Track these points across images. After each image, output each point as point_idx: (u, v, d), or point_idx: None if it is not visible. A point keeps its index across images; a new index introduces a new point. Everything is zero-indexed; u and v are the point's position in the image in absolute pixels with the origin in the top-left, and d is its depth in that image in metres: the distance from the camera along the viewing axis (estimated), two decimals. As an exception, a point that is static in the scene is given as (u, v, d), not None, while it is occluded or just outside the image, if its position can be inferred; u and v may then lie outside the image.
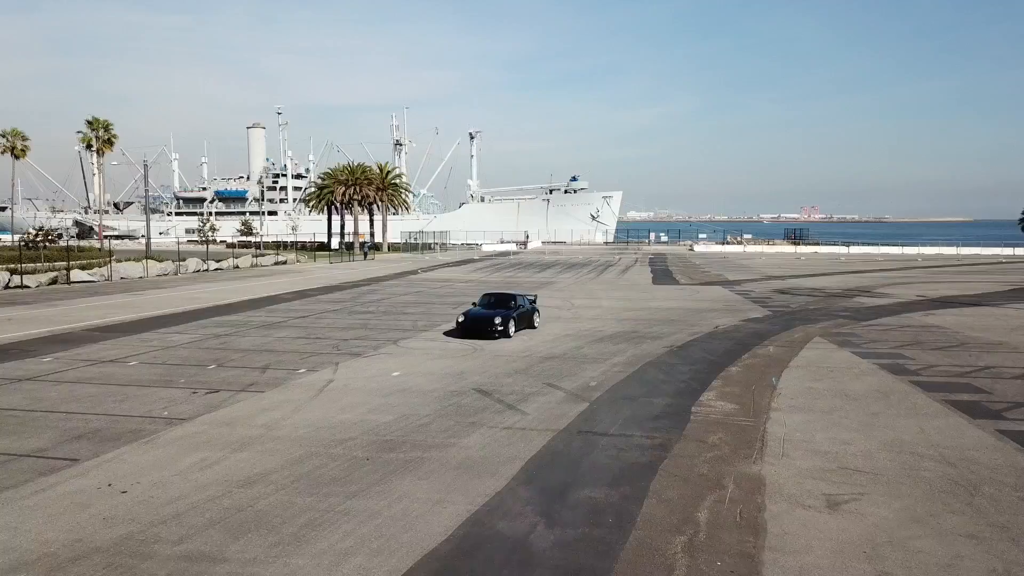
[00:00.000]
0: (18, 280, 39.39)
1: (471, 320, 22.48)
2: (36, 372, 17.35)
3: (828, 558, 7.90)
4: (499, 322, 22.24)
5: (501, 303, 23.99)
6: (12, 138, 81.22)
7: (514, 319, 22.87)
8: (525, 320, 24.01)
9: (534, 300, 25.82)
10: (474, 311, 23.26)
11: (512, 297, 24.60)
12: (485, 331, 22.18)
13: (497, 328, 22.17)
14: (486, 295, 25.21)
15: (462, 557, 7.89)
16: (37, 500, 9.45)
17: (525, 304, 24.50)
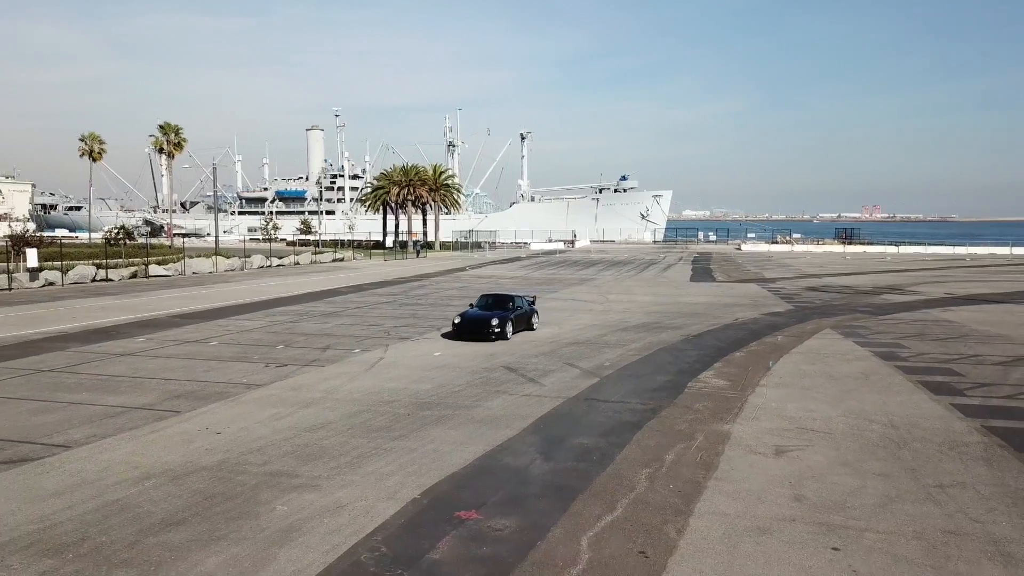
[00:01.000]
0: (103, 274, 43.37)
1: (467, 321, 22.07)
2: (134, 349, 20.44)
3: (759, 485, 10.11)
4: (496, 324, 21.71)
5: (499, 304, 23.54)
6: (90, 142, 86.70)
7: (511, 320, 22.38)
8: (523, 321, 23.54)
9: (533, 301, 25.43)
10: (470, 312, 22.86)
11: (510, 298, 24.14)
12: (481, 333, 21.67)
13: (494, 330, 21.64)
14: (484, 296, 24.75)
15: (474, 477, 10.35)
16: (153, 437, 12.23)
17: (523, 305, 24.13)
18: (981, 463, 11.08)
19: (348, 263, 63.63)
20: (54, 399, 14.68)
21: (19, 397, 14.86)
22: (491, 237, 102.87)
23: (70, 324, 24.94)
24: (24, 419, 13.23)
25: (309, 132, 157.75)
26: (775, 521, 8.91)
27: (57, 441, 11.92)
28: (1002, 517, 9.06)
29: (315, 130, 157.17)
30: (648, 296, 36.06)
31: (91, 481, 10.15)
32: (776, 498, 9.65)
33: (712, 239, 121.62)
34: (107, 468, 10.66)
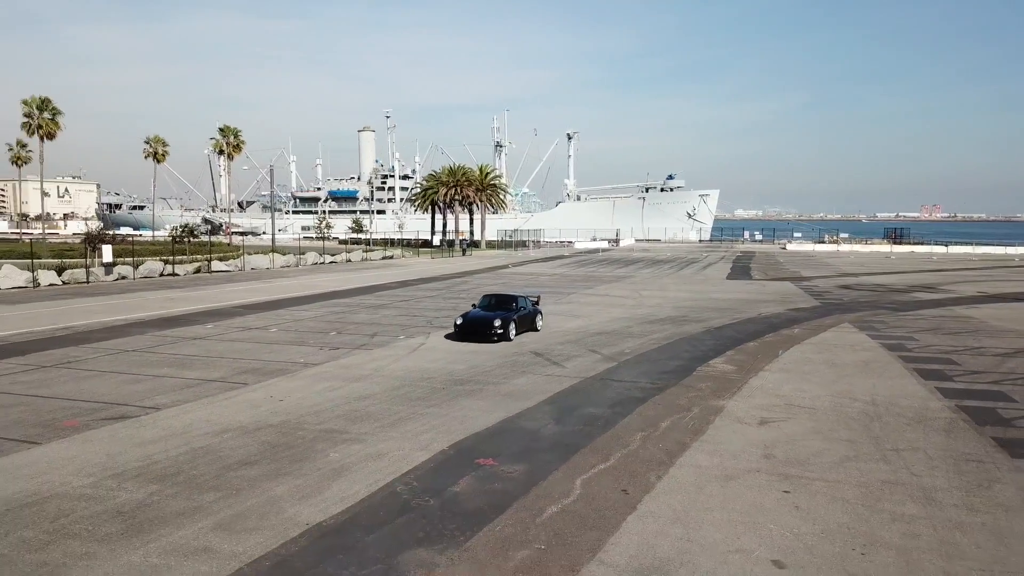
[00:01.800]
0: (170, 269, 46.53)
1: (469, 322, 21.52)
2: (203, 334, 22.87)
3: (737, 447, 11.79)
4: (498, 324, 21.21)
5: (501, 304, 22.95)
6: (154, 144, 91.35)
7: (515, 321, 21.86)
8: (527, 322, 22.98)
9: (537, 301, 24.92)
10: (473, 313, 22.28)
11: (513, 298, 23.50)
12: (484, 334, 21.19)
13: (496, 331, 21.13)
14: (486, 296, 24.16)
15: (494, 436, 12.26)
16: (226, 403, 14.43)
17: (527, 306, 23.53)
18: (940, 433, 12.56)
19: (397, 261, 66.20)
20: (141, 373, 17.06)
21: (112, 371, 17.29)
22: (536, 236, 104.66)
23: (146, 313, 27.63)
24: (119, 388, 15.59)
25: (361, 133, 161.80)
26: (742, 472, 10.62)
27: (148, 404, 14.21)
28: (939, 473, 10.61)
29: (367, 131, 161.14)
30: (681, 292, 37.51)
31: (179, 433, 12.34)
32: (748, 456, 11.34)
33: (758, 238, 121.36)
34: (191, 424, 12.86)
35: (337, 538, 8.37)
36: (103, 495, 9.59)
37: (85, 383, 15.99)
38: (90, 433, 12.32)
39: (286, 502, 9.37)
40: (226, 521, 8.78)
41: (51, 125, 73.77)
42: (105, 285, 39.65)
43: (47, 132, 73.62)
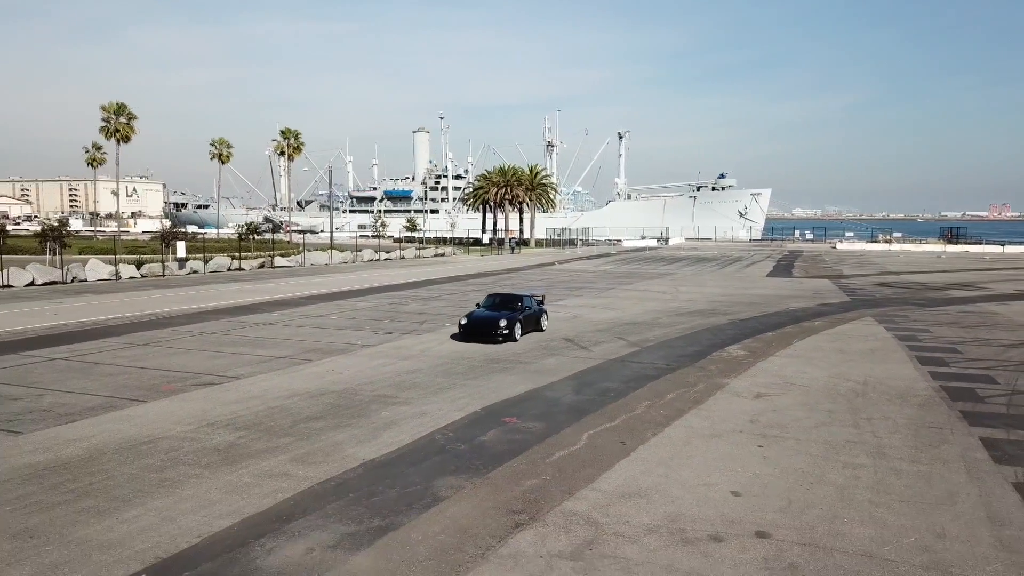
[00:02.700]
0: (236, 264, 49.86)
1: (474, 323, 21.23)
2: (271, 321, 25.51)
3: (728, 414, 13.64)
4: (504, 325, 20.87)
5: (506, 304, 22.67)
6: (219, 146, 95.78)
7: (520, 321, 21.55)
8: (532, 322, 22.64)
9: (542, 301, 24.46)
10: (477, 313, 21.98)
11: (518, 298, 23.25)
12: (489, 335, 20.86)
13: (502, 331, 20.79)
14: (491, 295, 24.01)
15: (520, 402, 14.36)
16: (295, 374, 16.83)
17: (532, 305, 23.16)
18: (915, 407, 14.20)
19: (448, 258, 68.81)
20: (220, 351, 19.66)
21: (196, 349, 19.94)
22: (584, 235, 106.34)
23: (219, 302, 30.51)
24: (203, 362, 18.17)
25: (415, 134, 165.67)
26: (726, 432, 12.50)
27: (229, 375, 16.71)
28: (898, 436, 12.33)
29: (421, 132, 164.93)
30: (717, 289, 39.01)
31: (257, 396, 14.76)
32: (735, 420, 13.21)
33: (808, 238, 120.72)
34: (266, 390, 15.28)
35: (386, 469, 10.57)
36: (202, 438, 12.00)
37: (175, 358, 18.64)
38: (185, 395, 14.83)
39: (346, 445, 11.63)
40: (299, 456, 11.08)
41: (126, 129, 78.37)
42: (179, 278, 43.01)
43: (123, 135, 78.22)
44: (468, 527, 8.56)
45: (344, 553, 7.89)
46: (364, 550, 7.97)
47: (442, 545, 8.10)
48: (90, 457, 11.00)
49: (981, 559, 7.88)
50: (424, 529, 8.51)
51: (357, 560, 7.74)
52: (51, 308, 28.28)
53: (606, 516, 8.91)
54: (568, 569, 7.58)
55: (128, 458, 10.96)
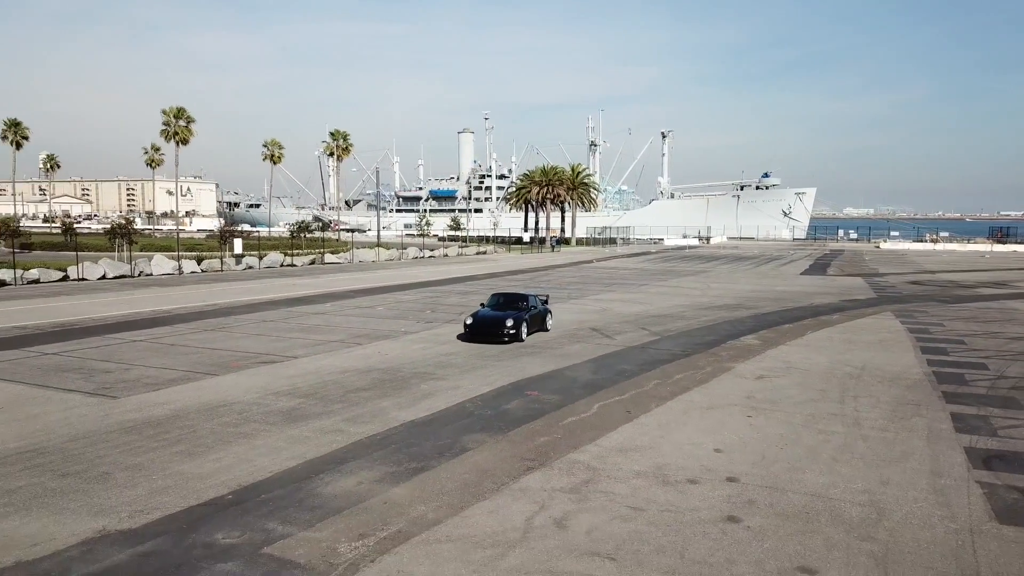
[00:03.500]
0: (289, 260, 52.59)
1: (479, 322, 20.84)
2: (324, 311, 27.74)
3: (728, 391, 15.25)
4: (511, 325, 20.48)
5: (511, 304, 22.40)
6: (271, 147, 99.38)
7: (526, 321, 21.20)
8: (537, 321, 22.34)
9: (546, 300, 24.27)
10: (482, 312, 21.56)
11: (523, 297, 22.98)
12: (495, 335, 20.49)
13: (508, 331, 20.40)
14: (495, 295, 23.65)
15: (542, 379, 16.17)
16: (346, 355, 18.88)
17: (537, 305, 22.87)
18: (902, 388, 15.62)
19: (489, 256, 70.87)
20: (279, 336, 21.86)
21: (257, 334, 22.19)
22: (625, 233, 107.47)
23: (275, 294, 32.94)
24: (264, 345, 20.37)
25: (460, 135, 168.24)
26: (722, 405, 14.14)
27: (288, 355, 18.85)
28: (877, 411, 13.81)
29: (466, 133, 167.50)
30: (748, 286, 40.23)
31: (312, 372, 16.84)
32: (733, 396, 14.82)
33: (853, 237, 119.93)
34: (320, 367, 17.36)
35: (423, 427, 12.49)
36: (267, 403, 14.08)
37: (239, 341, 20.89)
38: (250, 370, 17.00)
39: (390, 410, 13.59)
40: (350, 418, 13.06)
41: (185, 132, 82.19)
42: (236, 273, 45.78)
43: (182, 138, 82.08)
44: (488, 469, 10.42)
45: (386, 485, 9.81)
46: (402, 484, 9.87)
47: (465, 481, 9.97)
48: (176, 416, 13.14)
49: (910, 500, 9.46)
50: (451, 470, 10.40)
51: (396, 490, 9.64)
52: (125, 299, 30.99)
53: (603, 464, 10.68)
54: (565, 499, 9.38)
55: (207, 417, 13.07)
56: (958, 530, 8.54)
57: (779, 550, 8.00)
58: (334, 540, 8.14)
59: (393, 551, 7.89)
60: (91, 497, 9.35)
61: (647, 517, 8.84)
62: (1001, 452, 11.39)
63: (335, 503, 9.18)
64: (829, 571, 7.54)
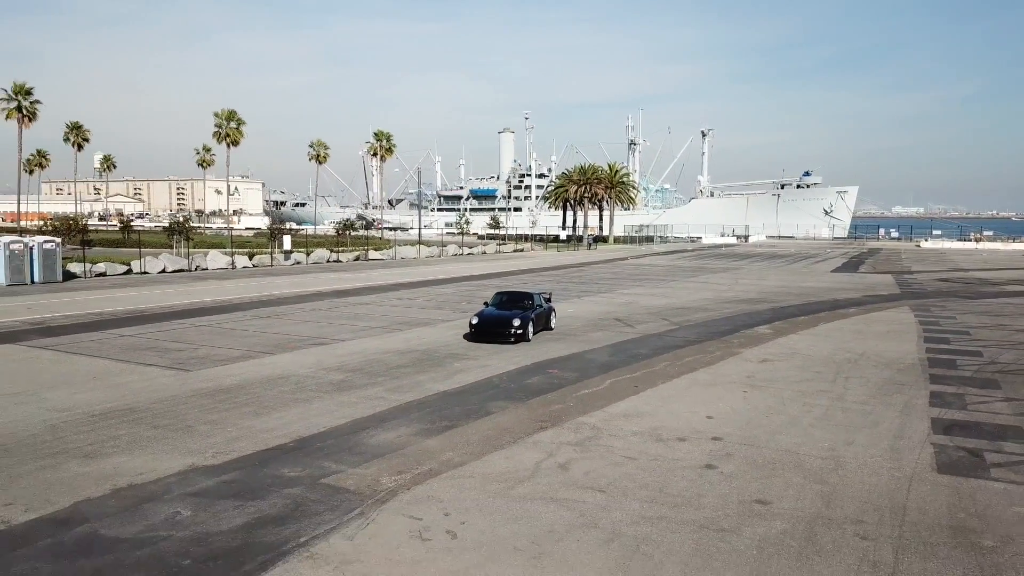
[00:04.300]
0: (335, 256, 55.08)
1: (485, 322, 20.45)
2: (368, 302, 29.85)
3: (731, 372, 16.82)
4: (518, 324, 20.13)
5: (515, 302, 22.00)
6: (317, 147, 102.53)
7: (532, 320, 20.80)
8: (542, 320, 21.94)
9: (549, 299, 23.82)
10: (487, 311, 21.23)
11: (527, 296, 22.60)
12: (501, 335, 20.11)
13: (516, 331, 20.04)
14: (498, 293, 23.37)
15: (563, 360, 17.92)
16: (387, 339, 20.85)
17: (542, 303, 22.53)
18: (894, 371, 17.01)
19: (526, 253, 72.70)
20: (327, 322, 23.97)
21: (308, 321, 24.34)
22: (663, 232, 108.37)
23: (322, 287, 35.21)
24: (314, 330, 22.47)
25: (501, 135, 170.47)
26: (723, 383, 15.74)
27: (336, 338, 20.90)
28: (864, 389, 15.27)
29: (506, 132, 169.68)
30: (775, 282, 41.38)
31: (358, 352, 18.83)
32: (734, 376, 16.40)
33: (894, 236, 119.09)
34: (366, 348, 19.35)
35: (454, 396, 14.35)
36: (319, 376, 16.08)
37: (292, 326, 23.04)
38: (303, 351, 19.06)
39: (427, 383, 15.48)
40: (391, 388, 14.98)
41: (236, 133, 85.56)
42: (285, 268, 48.35)
43: (232, 140, 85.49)
44: (507, 428, 12.23)
45: (421, 438, 11.68)
46: (434, 437, 11.73)
47: (487, 436, 11.79)
48: (241, 386, 15.20)
49: (867, 455, 11.01)
50: (477, 428, 12.23)
51: (429, 442, 11.50)
52: (185, 290, 33.53)
53: (606, 425, 12.41)
54: (570, 449, 11.14)
55: (269, 387, 15.11)
56: (900, 477, 10.09)
57: (743, 488, 9.65)
58: (377, 475, 10.03)
59: (424, 483, 9.74)
60: (179, 443, 11.39)
61: (637, 464, 10.55)
62: (964, 422, 12.83)
63: (378, 450, 11.08)
64: (781, 503, 9.18)
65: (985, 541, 8.13)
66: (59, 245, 37.80)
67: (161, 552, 7.72)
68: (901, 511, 8.94)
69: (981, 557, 7.75)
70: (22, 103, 65.69)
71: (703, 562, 7.58)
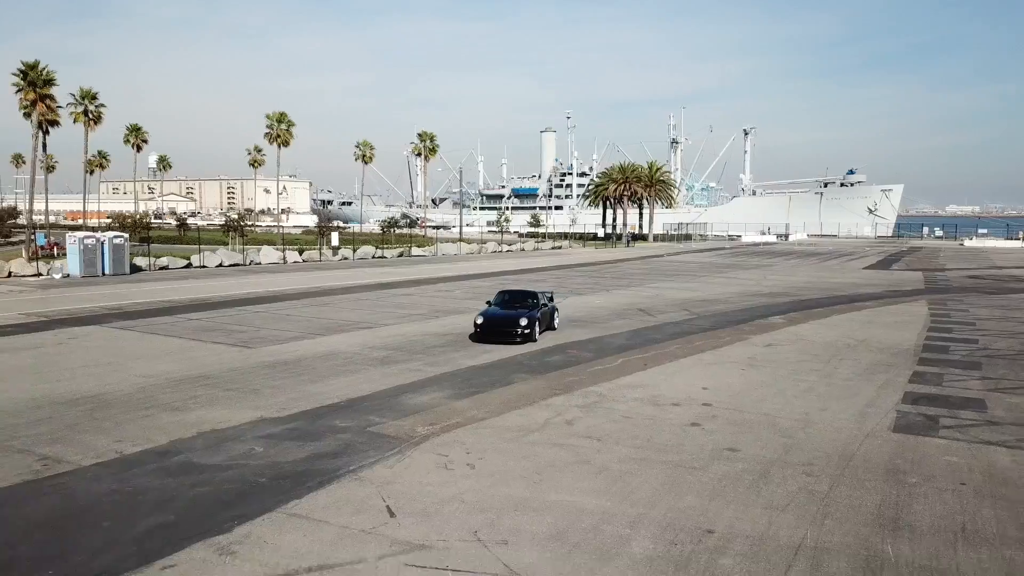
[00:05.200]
0: (380, 253, 57.62)
1: (491, 322, 19.87)
2: (410, 293, 32.05)
3: (736, 355, 18.48)
4: (525, 324, 19.57)
5: (519, 301, 21.41)
6: (363, 147, 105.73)
7: (538, 320, 20.31)
8: (546, 320, 21.38)
9: (552, 298, 23.15)
10: (492, 311, 20.65)
11: (531, 294, 21.97)
12: (507, 335, 19.57)
13: (523, 331, 19.49)
14: (501, 292, 22.82)
15: (584, 344, 19.77)
16: (425, 324, 22.94)
17: (545, 302, 21.96)
18: (888, 355, 18.49)
19: (564, 251, 74.49)
20: (372, 310, 26.19)
21: (355, 308, 26.61)
22: (701, 230, 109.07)
23: (367, 280, 37.59)
24: (361, 316, 24.69)
25: (543, 134, 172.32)
26: (725, 363, 17.44)
27: (380, 323, 23.07)
28: (853, 369, 16.84)
29: (548, 132, 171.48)
30: (803, 278, 42.54)
31: (399, 335, 20.94)
32: (737, 357, 18.09)
33: (938, 235, 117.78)
34: (406, 332, 21.45)
35: (482, 370, 16.34)
36: (364, 354, 18.21)
37: (340, 313, 25.31)
38: (351, 333, 21.25)
39: (459, 359, 17.50)
40: (428, 363, 17.04)
41: (286, 135, 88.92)
42: (333, 263, 50.97)
43: (283, 140, 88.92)
44: (525, 394, 14.17)
45: (451, 400, 13.68)
46: (462, 399, 13.73)
47: (508, 399, 13.75)
48: (298, 360, 17.40)
49: (836, 419, 12.68)
50: (499, 393, 14.20)
51: (457, 403, 13.50)
52: (242, 281, 36.18)
53: (612, 393, 14.27)
54: (577, 410, 13.03)
55: (322, 361, 17.28)
56: (858, 435, 11.76)
57: (719, 440, 11.44)
58: (413, 425, 12.06)
59: (451, 432, 11.73)
60: (249, 401, 13.58)
61: (632, 421, 12.41)
62: (933, 395, 14.38)
63: (414, 408, 13.12)
64: (748, 451, 10.95)
65: (910, 479, 9.82)
66: (127, 240, 40.85)
67: (243, 473, 9.85)
68: (849, 458, 10.64)
69: (900, 488, 9.46)
70: (88, 107, 69.67)
71: (670, 488, 9.43)
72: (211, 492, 9.22)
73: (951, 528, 8.31)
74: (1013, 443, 11.36)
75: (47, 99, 52.43)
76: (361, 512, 8.61)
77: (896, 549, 7.77)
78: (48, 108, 52.85)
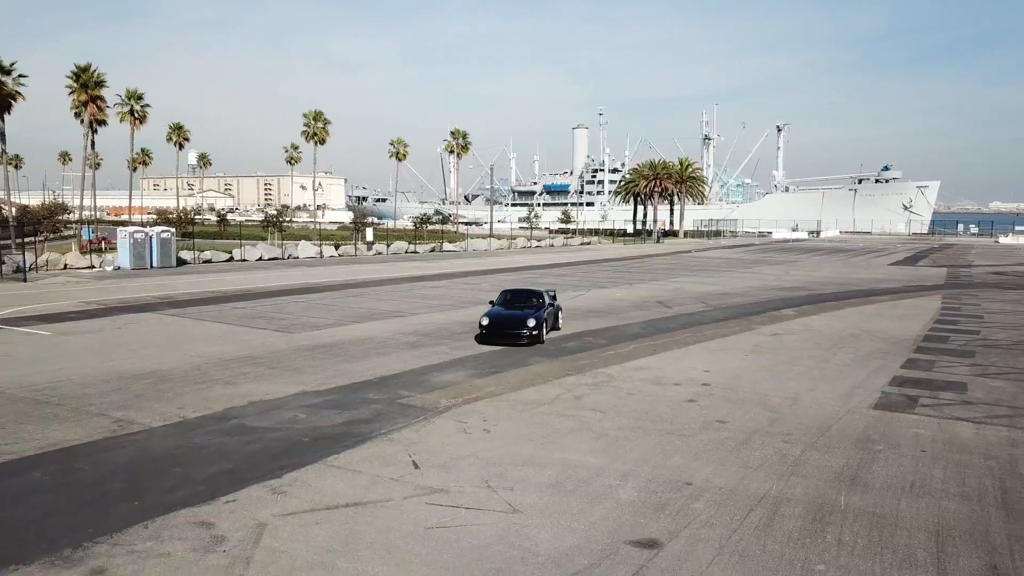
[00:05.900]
0: (412, 248, 59.37)
1: (496, 323, 19.29)
2: (440, 286, 33.60)
3: (743, 343, 19.65)
4: (533, 325, 18.96)
5: (522, 300, 20.81)
6: (397, 145, 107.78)
7: (546, 320, 19.79)
8: (550, 320, 20.75)
9: (555, 296, 22.36)
10: (497, 311, 20.01)
11: (536, 293, 21.36)
12: (514, 335, 19.04)
13: (530, 332, 18.91)
14: (504, 292, 22.03)
15: (600, 331, 21.09)
16: (453, 314, 24.41)
17: (549, 301, 21.24)
18: (887, 344, 19.52)
19: (593, 246, 75.62)
20: (403, 300, 27.77)
21: (387, 299, 28.21)
22: (732, 226, 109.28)
23: (401, 273, 39.24)
24: (393, 306, 26.27)
25: (575, 131, 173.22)
26: (730, 350, 18.64)
27: (410, 312, 24.61)
28: (851, 356, 17.93)
29: (580, 128, 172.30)
30: (826, 273, 43.27)
31: (429, 322, 22.44)
32: (744, 345, 19.27)
33: (973, 232, 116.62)
34: (436, 320, 22.95)
35: (503, 353, 17.75)
36: (397, 338, 19.74)
37: (373, 303, 26.92)
38: (384, 320, 22.82)
39: (482, 345, 18.94)
40: (453, 347, 18.50)
41: (322, 133, 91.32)
42: (367, 257, 52.80)
43: (320, 138, 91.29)
44: (540, 374, 15.56)
45: (472, 378, 15.13)
46: (483, 378, 15.17)
47: (524, 378, 15.16)
48: (335, 344, 18.98)
49: (823, 398, 13.86)
50: (516, 373, 15.61)
51: (478, 381, 14.93)
52: (281, 274, 38.05)
53: (620, 374, 15.59)
54: (586, 388, 14.39)
55: (357, 345, 18.85)
56: (839, 411, 12.95)
57: (710, 415, 12.72)
58: (437, 398, 13.52)
59: (472, 404, 13.17)
60: (292, 377, 15.16)
61: (634, 398, 13.73)
62: (920, 379, 15.46)
63: (439, 384, 14.59)
64: (735, 423, 12.21)
65: (877, 446, 11.02)
66: (173, 235, 43.01)
67: (288, 434, 11.39)
68: (826, 430, 11.86)
69: (864, 453, 10.68)
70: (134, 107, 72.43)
71: (660, 450, 10.76)
72: (263, 448, 10.76)
73: (901, 485, 9.53)
74: (981, 419, 12.47)
75: (98, 100, 55.06)
76: (390, 464, 10.08)
77: (848, 500, 9.01)
78: (98, 108, 55.51)
